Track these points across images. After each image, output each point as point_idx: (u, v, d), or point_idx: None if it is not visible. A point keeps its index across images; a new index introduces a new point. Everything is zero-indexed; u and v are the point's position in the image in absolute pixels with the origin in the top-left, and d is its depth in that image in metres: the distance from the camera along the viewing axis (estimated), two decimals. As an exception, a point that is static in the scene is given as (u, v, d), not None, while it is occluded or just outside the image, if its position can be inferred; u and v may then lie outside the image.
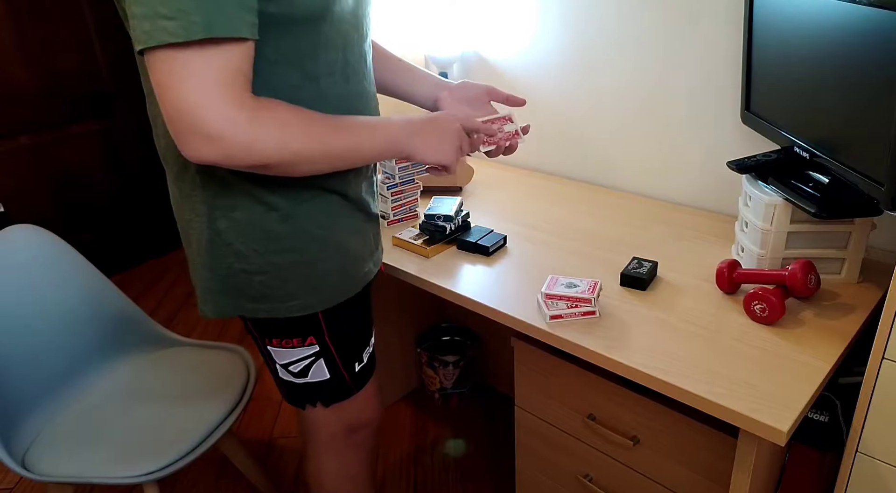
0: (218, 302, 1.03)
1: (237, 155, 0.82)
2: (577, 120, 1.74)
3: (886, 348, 0.92)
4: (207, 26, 0.75)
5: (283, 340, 1.07)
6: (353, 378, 1.15)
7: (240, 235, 0.97)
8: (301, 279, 1.01)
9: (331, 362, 1.11)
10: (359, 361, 1.15)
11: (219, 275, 1.01)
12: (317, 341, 1.08)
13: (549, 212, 1.57)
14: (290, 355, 1.09)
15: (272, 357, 1.11)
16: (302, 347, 1.08)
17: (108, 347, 1.61)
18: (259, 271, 0.99)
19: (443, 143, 1.03)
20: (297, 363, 1.10)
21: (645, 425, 1.12)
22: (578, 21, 1.64)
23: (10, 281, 1.45)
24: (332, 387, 1.14)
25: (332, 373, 1.12)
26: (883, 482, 0.98)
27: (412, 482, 1.84)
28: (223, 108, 0.79)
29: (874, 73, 0.92)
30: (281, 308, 1.02)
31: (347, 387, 1.15)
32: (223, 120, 0.79)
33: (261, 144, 0.83)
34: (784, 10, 1.13)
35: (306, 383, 1.12)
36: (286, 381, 1.13)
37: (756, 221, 1.18)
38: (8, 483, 1.90)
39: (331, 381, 1.12)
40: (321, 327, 1.07)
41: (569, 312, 1.11)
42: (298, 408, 1.18)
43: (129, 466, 1.32)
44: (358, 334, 1.14)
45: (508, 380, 2.14)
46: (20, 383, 1.42)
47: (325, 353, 1.10)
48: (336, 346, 1.10)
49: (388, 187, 1.49)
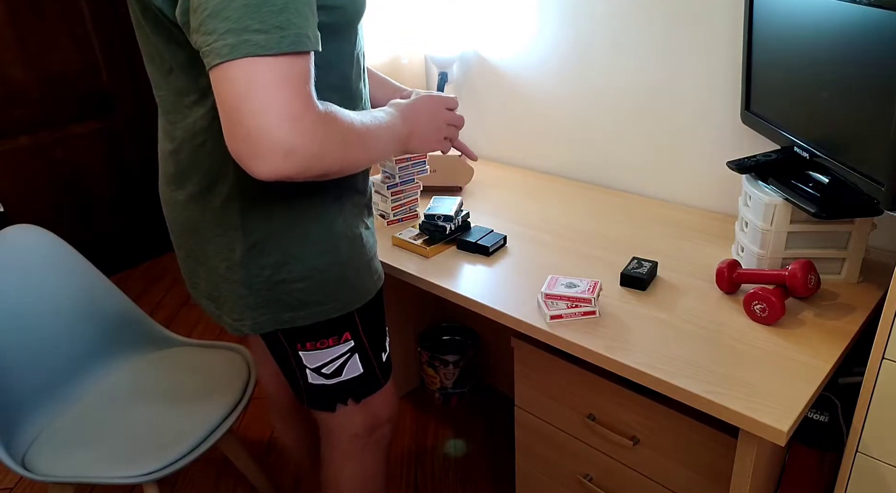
0: (256, 318, 1.02)
1: (311, 167, 0.79)
2: (576, 120, 1.74)
3: (886, 348, 0.92)
4: (296, 41, 0.75)
5: (318, 341, 1.07)
6: (382, 369, 1.16)
7: (279, 244, 0.97)
8: (339, 280, 1.02)
9: (364, 356, 1.12)
10: (384, 350, 1.16)
11: (255, 289, 1.00)
12: (352, 336, 1.08)
13: (549, 212, 1.57)
14: (323, 356, 1.08)
15: (302, 363, 1.09)
16: (338, 345, 1.08)
17: (108, 347, 1.61)
18: (300, 278, 0.99)
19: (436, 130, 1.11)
20: (330, 364, 1.09)
21: (645, 425, 1.12)
22: (578, 21, 1.64)
23: (10, 281, 1.45)
24: (365, 381, 1.14)
25: (365, 367, 1.12)
26: (883, 482, 0.98)
27: (412, 482, 1.84)
28: (301, 119, 0.77)
29: (874, 74, 0.92)
30: (320, 312, 1.03)
31: (377, 379, 1.16)
32: (304, 131, 0.77)
33: (330, 155, 0.81)
34: (784, 10, 1.13)
35: (339, 382, 1.12)
36: (316, 385, 1.12)
37: (756, 221, 1.18)
38: (8, 483, 1.90)
39: (364, 375, 1.13)
40: (356, 322, 1.08)
41: (569, 312, 1.11)
42: (327, 411, 1.17)
43: (129, 466, 1.32)
44: (383, 324, 1.16)
45: (508, 380, 2.14)
46: (20, 383, 1.42)
47: (359, 348, 1.10)
48: (369, 338, 1.11)
49: (387, 187, 1.49)
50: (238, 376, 1.55)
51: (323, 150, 0.80)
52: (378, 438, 1.24)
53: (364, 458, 1.24)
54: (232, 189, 0.95)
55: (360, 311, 1.08)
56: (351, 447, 1.22)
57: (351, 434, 1.20)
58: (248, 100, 0.74)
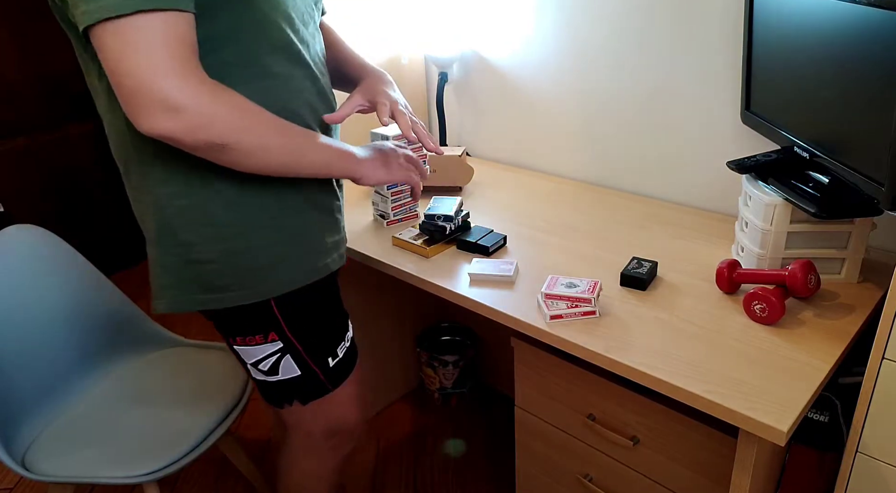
0: (172, 297, 1.02)
1: (198, 128, 0.82)
2: (576, 120, 1.74)
3: (886, 348, 0.92)
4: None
5: (246, 337, 1.06)
6: (328, 375, 1.13)
7: (188, 223, 0.97)
8: (251, 266, 1.01)
9: (298, 358, 1.09)
10: (332, 356, 1.13)
11: (169, 268, 1.00)
12: (278, 336, 1.07)
13: (549, 212, 1.57)
14: (255, 352, 1.08)
15: (241, 357, 1.10)
16: (265, 343, 1.07)
17: (108, 347, 1.61)
18: (209, 260, 0.99)
19: (388, 164, 1.11)
20: (264, 361, 1.09)
21: (645, 425, 1.12)
22: (578, 21, 1.64)
23: (10, 281, 1.45)
24: (306, 384, 1.12)
25: (302, 369, 1.10)
26: (883, 482, 0.98)
27: (412, 482, 1.84)
28: (182, 78, 0.80)
29: (874, 73, 0.92)
30: (232, 297, 1.01)
31: (321, 384, 1.13)
32: (185, 90, 0.80)
33: (221, 121, 0.83)
34: (784, 10, 1.13)
35: (279, 380, 1.11)
36: (259, 380, 1.12)
37: (756, 221, 1.18)
38: (8, 483, 1.90)
39: (303, 377, 1.11)
40: (278, 319, 1.06)
41: (569, 312, 1.11)
42: (275, 407, 1.16)
43: (129, 466, 1.32)
44: (325, 327, 1.12)
45: (508, 380, 2.14)
46: (20, 383, 1.42)
47: (290, 348, 1.08)
48: (300, 340, 1.09)
49: (387, 187, 1.49)
50: (237, 376, 1.55)
51: (213, 114, 0.82)
52: (335, 445, 1.22)
53: (321, 457, 1.23)
54: (140, 167, 0.96)
55: (283, 308, 1.05)
56: (303, 445, 1.21)
57: (305, 431, 1.20)
58: (122, 60, 0.78)
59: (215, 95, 0.83)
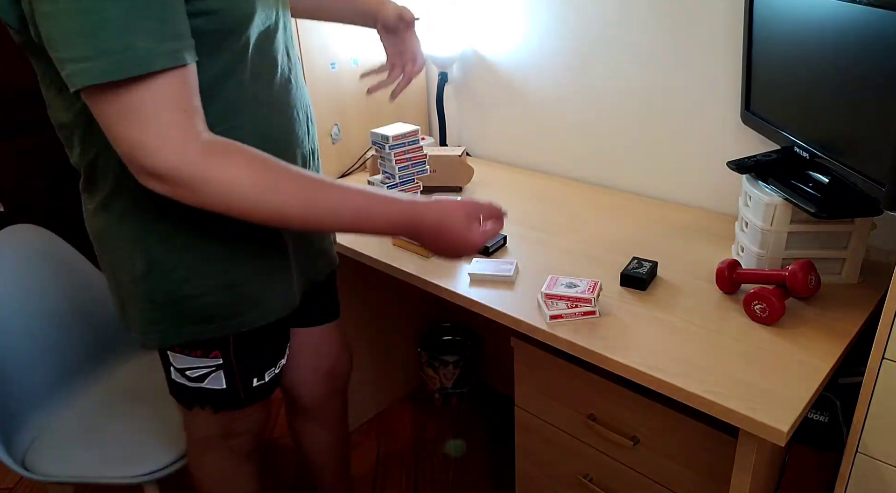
0: (163, 332, 1.01)
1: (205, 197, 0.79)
2: (576, 120, 1.74)
3: (886, 348, 0.92)
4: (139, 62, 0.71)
5: (186, 348, 1.05)
6: (248, 393, 1.14)
7: (181, 260, 0.96)
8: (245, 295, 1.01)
9: (230, 376, 1.10)
10: (259, 378, 1.14)
11: (159, 304, 0.98)
12: (221, 355, 1.07)
13: (549, 212, 1.57)
14: (189, 362, 1.07)
15: (169, 361, 1.09)
16: (206, 358, 1.07)
17: (108, 346, 1.61)
18: (204, 294, 0.98)
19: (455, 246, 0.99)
20: (195, 370, 1.08)
21: (645, 425, 1.12)
22: (578, 21, 1.64)
23: (10, 281, 1.45)
24: (225, 397, 1.12)
25: (228, 385, 1.10)
26: (883, 482, 0.98)
27: (412, 482, 1.84)
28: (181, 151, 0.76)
29: (874, 73, 0.92)
30: (232, 325, 1.02)
31: (239, 399, 1.14)
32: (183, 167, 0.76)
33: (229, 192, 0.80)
34: (784, 10, 1.13)
35: (200, 387, 1.10)
36: (178, 383, 1.11)
37: (756, 221, 1.18)
38: (8, 483, 1.90)
39: (225, 391, 1.11)
40: (229, 342, 1.06)
41: (569, 312, 1.11)
42: (183, 407, 1.16)
43: (129, 466, 1.32)
44: (267, 353, 1.13)
45: (508, 380, 2.14)
46: (20, 383, 1.42)
47: (226, 366, 1.08)
48: (239, 361, 1.09)
49: (387, 187, 1.49)
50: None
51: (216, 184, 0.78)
52: (234, 446, 1.22)
53: (220, 457, 1.23)
54: (128, 202, 0.93)
55: (239, 336, 1.06)
56: (206, 444, 1.22)
57: (204, 434, 1.20)
58: (117, 128, 0.74)
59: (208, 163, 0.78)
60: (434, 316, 2.22)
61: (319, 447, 1.49)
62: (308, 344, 1.34)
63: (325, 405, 1.43)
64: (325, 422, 1.46)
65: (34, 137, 2.69)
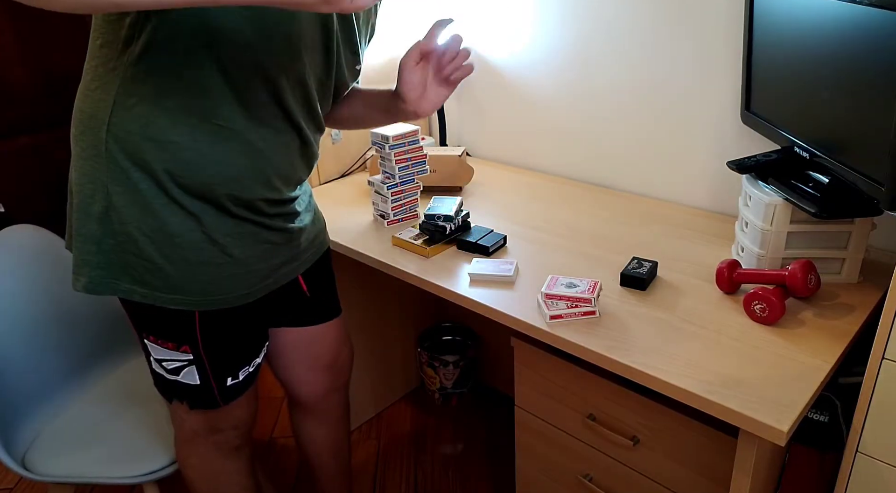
0: (94, 277, 1.00)
1: None
2: (576, 120, 1.74)
3: (886, 348, 0.92)
4: None
5: (160, 340, 1.07)
6: (222, 392, 1.14)
7: (137, 217, 0.96)
8: (187, 275, 1.00)
9: (202, 372, 1.11)
10: (233, 376, 1.14)
11: (104, 249, 0.98)
12: (191, 350, 1.08)
13: (549, 212, 1.57)
14: (164, 354, 1.09)
15: (148, 350, 1.11)
16: (176, 352, 1.08)
17: (108, 346, 1.61)
18: (148, 258, 0.98)
19: None
20: (170, 362, 1.10)
21: (645, 425, 1.12)
22: (578, 21, 1.64)
23: (10, 281, 1.45)
24: (200, 394, 1.13)
25: (202, 381, 1.11)
26: (883, 482, 0.98)
27: (412, 482, 1.84)
28: None
29: (874, 73, 0.92)
30: (160, 298, 1.01)
31: (214, 399, 1.14)
32: None
33: None
34: (784, 10, 1.13)
35: (176, 380, 1.12)
36: (157, 373, 1.13)
37: (756, 221, 1.18)
38: (8, 483, 1.90)
39: (199, 388, 1.12)
40: (196, 335, 1.06)
41: (569, 312, 1.11)
42: (166, 400, 1.18)
43: (129, 466, 1.32)
44: (237, 350, 1.14)
45: (508, 380, 2.14)
46: (20, 383, 1.42)
47: (197, 362, 1.09)
48: (209, 357, 1.10)
49: (387, 187, 1.49)
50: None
51: None
52: (219, 441, 1.23)
53: (206, 452, 1.24)
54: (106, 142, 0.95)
55: (205, 325, 1.06)
56: (192, 440, 1.22)
57: (190, 428, 1.21)
58: None
59: None
60: (434, 316, 2.22)
61: (320, 445, 1.49)
62: (302, 342, 1.34)
63: (325, 403, 1.43)
64: (325, 420, 1.46)
65: (34, 137, 2.69)
